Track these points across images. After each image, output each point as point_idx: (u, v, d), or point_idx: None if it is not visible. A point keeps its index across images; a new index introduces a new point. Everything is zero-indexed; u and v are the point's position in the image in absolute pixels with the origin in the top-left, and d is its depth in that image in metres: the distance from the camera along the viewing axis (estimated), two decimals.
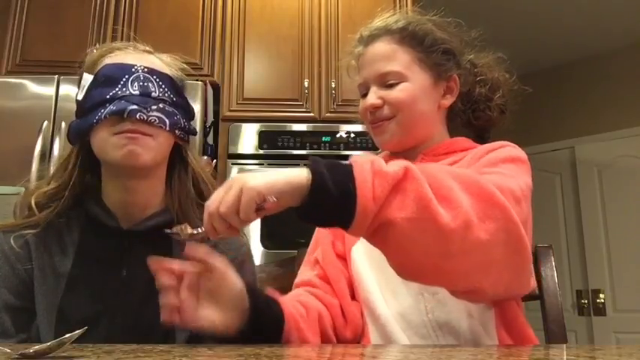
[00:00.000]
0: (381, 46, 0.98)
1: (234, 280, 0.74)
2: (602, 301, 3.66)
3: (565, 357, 0.56)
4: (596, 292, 3.69)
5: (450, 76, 0.98)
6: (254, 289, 0.78)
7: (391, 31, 0.99)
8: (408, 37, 0.97)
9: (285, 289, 1.12)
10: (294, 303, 0.86)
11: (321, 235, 1.01)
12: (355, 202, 0.64)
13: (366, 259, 0.91)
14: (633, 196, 3.66)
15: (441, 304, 0.83)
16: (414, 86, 0.95)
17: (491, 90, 1.02)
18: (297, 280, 0.99)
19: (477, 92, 1.02)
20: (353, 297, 0.93)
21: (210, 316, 0.71)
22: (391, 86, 0.95)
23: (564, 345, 0.93)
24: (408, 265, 0.70)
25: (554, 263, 1.07)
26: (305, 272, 1.00)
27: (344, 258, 0.97)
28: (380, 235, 0.67)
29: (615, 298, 3.63)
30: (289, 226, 2.40)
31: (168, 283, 0.69)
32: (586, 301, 3.72)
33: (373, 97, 0.96)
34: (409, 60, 0.96)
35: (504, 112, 1.03)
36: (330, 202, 0.65)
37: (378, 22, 1.01)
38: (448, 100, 0.99)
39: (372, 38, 1.00)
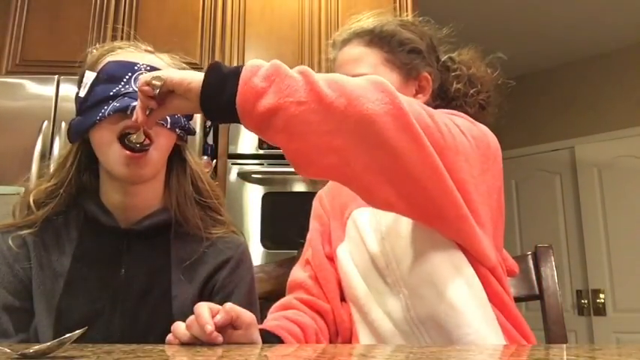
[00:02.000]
0: (350, 50, 1.00)
1: (255, 338, 0.74)
2: (602, 301, 3.66)
3: (565, 357, 0.56)
4: (596, 292, 3.69)
5: (419, 74, 0.99)
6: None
7: (360, 34, 1.00)
8: (376, 39, 0.99)
9: (284, 289, 1.12)
10: (291, 327, 0.85)
11: (313, 237, 1.02)
12: (239, 78, 0.69)
13: (350, 259, 0.91)
14: (633, 196, 3.66)
15: (419, 298, 0.82)
16: None
17: (469, 86, 1.02)
18: (290, 280, 1.00)
19: (454, 88, 1.02)
20: (342, 298, 0.93)
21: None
22: None
23: (564, 345, 0.93)
24: (302, 151, 0.72)
25: (554, 263, 1.08)
26: (298, 272, 1.00)
27: (332, 259, 0.97)
28: (273, 123, 0.69)
29: (615, 298, 3.63)
30: (289, 226, 2.40)
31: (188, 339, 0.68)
32: (586, 301, 3.72)
33: None
34: (377, 61, 0.97)
35: (485, 107, 1.03)
36: (220, 80, 0.70)
37: (349, 26, 1.03)
38: (420, 99, 0.99)
39: (343, 42, 1.02)
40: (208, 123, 2.45)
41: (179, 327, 0.68)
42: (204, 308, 0.67)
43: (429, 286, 0.81)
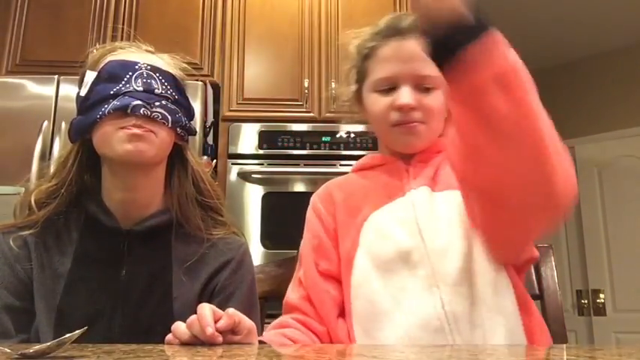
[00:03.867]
0: (418, 47, 0.92)
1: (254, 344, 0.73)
2: (602, 301, 3.66)
3: (565, 357, 0.56)
4: (596, 292, 3.69)
5: None
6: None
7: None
8: None
9: (284, 289, 1.11)
10: (288, 343, 0.84)
11: (305, 254, 0.97)
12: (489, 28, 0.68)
13: (370, 264, 0.88)
14: (633, 196, 3.66)
15: (458, 296, 0.81)
16: (443, 97, 0.92)
17: None
18: (285, 301, 0.96)
19: None
20: (340, 314, 0.91)
21: None
22: (427, 91, 0.93)
23: (564, 345, 0.93)
24: (506, 117, 0.70)
25: (554, 263, 1.08)
26: (292, 293, 0.96)
27: (330, 276, 0.93)
28: (508, 80, 0.69)
29: (615, 298, 3.63)
30: (289, 226, 2.40)
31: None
32: (586, 301, 3.72)
33: (409, 96, 0.92)
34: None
35: None
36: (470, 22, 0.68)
37: (409, 19, 0.96)
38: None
39: (408, 33, 0.94)
40: (208, 123, 2.45)
41: (179, 326, 0.68)
42: (206, 309, 0.67)
43: (470, 285, 0.81)
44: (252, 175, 2.39)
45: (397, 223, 0.90)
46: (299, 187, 2.40)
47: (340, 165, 2.42)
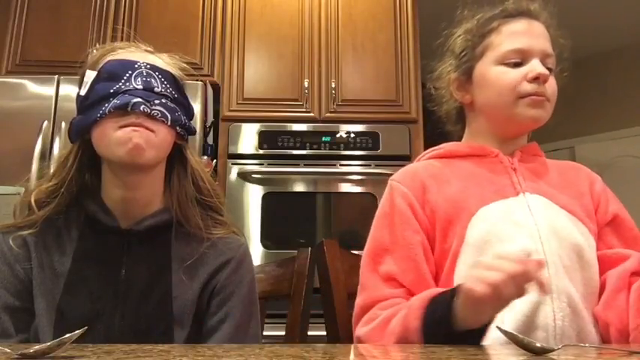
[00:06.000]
0: (544, 29, 0.98)
1: None
2: None
3: (565, 357, 0.56)
4: None
5: None
6: None
7: (547, 23, 0.99)
8: (551, 38, 0.99)
9: (284, 289, 1.11)
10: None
11: (416, 254, 0.88)
12: None
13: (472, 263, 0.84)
14: (633, 196, 3.66)
15: (575, 314, 0.81)
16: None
17: None
18: (371, 298, 0.87)
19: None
20: None
21: None
22: (549, 71, 0.95)
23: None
24: None
25: None
26: (380, 289, 0.87)
27: (432, 278, 0.88)
28: None
29: None
30: (289, 226, 2.40)
31: None
32: None
33: (542, 67, 0.94)
34: None
35: None
36: None
37: (536, 3, 1.00)
38: None
39: (536, 14, 0.99)
40: (208, 123, 2.45)
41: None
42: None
43: (582, 310, 0.81)
44: (252, 175, 2.39)
45: (513, 224, 0.87)
46: (299, 187, 2.40)
47: (340, 165, 2.42)
